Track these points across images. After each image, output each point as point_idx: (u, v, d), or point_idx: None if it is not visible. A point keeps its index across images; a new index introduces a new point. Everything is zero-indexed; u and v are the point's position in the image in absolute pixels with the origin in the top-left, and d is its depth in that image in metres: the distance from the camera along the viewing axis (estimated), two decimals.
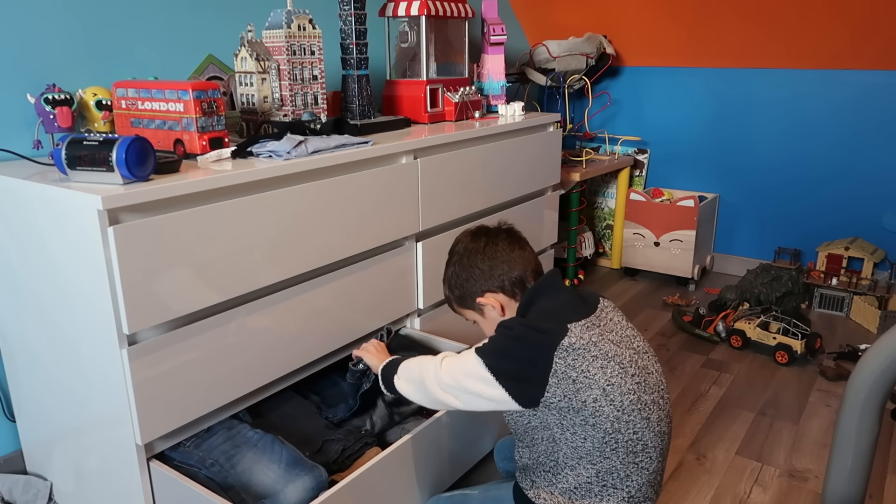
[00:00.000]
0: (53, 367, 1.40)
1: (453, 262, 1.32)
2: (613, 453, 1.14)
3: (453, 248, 1.35)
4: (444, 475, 1.56)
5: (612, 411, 1.12)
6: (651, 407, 1.16)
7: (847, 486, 1.15)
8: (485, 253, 1.28)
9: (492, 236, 1.31)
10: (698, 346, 2.47)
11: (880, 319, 2.52)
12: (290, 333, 1.50)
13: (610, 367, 1.12)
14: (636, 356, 1.18)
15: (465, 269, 1.29)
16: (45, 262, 1.30)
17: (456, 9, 2.10)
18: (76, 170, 1.20)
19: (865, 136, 2.76)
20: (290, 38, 1.66)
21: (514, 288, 1.27)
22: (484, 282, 1.28)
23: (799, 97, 2.86)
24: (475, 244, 1.30)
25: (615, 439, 1.13)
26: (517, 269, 1.27)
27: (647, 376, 1.18)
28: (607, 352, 1.13)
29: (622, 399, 1.12)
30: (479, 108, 2.21)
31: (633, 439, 1.14)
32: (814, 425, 1.95)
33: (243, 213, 1.34)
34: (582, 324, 1.15)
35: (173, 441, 1.34)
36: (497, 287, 1.27)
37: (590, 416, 1.11)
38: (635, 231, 3.09)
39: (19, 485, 1.59)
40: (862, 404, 1.10)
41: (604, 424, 1.12)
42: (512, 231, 1.34)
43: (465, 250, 1.31)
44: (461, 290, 1.31)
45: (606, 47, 3.04)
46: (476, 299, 1.29)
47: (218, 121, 1.43)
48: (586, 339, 1.12)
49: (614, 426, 1.12)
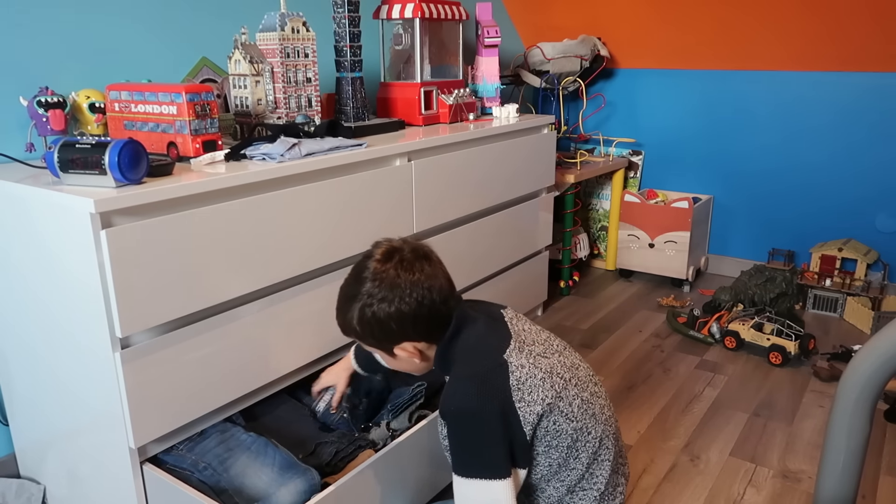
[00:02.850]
0: (47, 370, 1.40)
1: (363, 294, 1.09)
2: (577, 461, 1.14)
3: (360, 271, 1.11)
4: (435, 479, 1.56)
5: (568, 425, 1.11)
6: (592, 400, 1.16)
7: (839, 487, 1.16)
8: (409, 290, 1.07)
9: (412, 264, 1.10)
10: (692, 348, 2.48)
11: (874, 320, 2.53)
12: (284, 336, 1.50)
13: (551, 382, 1.10)
14: (562, 358, 1.16)
15: (380, 307, 1.08)
16: (38, 266, 1.30)
17: (450, 11, 2.10)
18: (69, 173, 1.20)
19: (859, 137, 2.77)
20: (283, 40, 1.66)
21: (438, 334, 1.13)
22: (405, 329, 1.10)
23: (793, 99, 2.87)
24: (395, 275, 1.08)
25: (576, 448, 1.13)
26: (444, 306, 1.11)
27: (576, 372, 1.16)
28: (543, 367, 1.10)
29: (571, 408, 1.11)
30: (474, 111, 2.21)
31: (590, 441, 1.14)
32: (807, 426, 1.96)
33: (237, 215, 1.33)
34: (511, 348, 1.10)
35: (166, 444, 1.34)
36: (419, 336, 1.13)
37: (552, 438, 1.11)
38: (630, 232, 3.10)
39: (12, 489, 1.58)
40: (853, 405, 1.11)
41: (565, 441, 1.12)
42: (429, 254, 1.14)
43: (382, 281, 1.08)
44: (372, 332, 1.11)
45: (601, 49, 3.05)
46: (392, 347, 1.14)
47: (211, 123, 1.43)
48: (526, 366, 1.09)
49: (573, 437, 1.12)
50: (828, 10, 2.56)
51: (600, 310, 2.84)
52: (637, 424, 1.97)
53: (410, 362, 1.17)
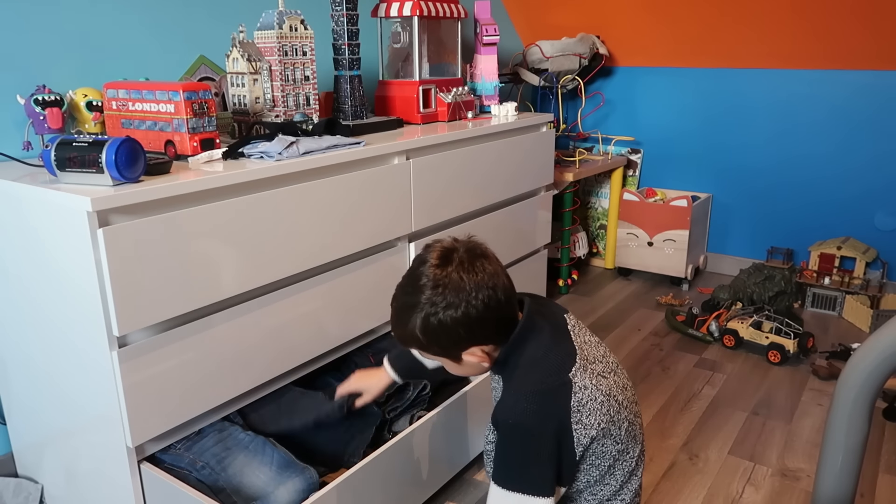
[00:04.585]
0: (44, 369, 1.40)
1: (425, 302, 1.02)
2: (612, 478, 1.12)
3: (417, 278, 1.04)
4: (434, 476, 1.56)
5: (614, 447, 1.09)
6: (635, 421, 1.14)
7: (837, 485, 1.16)
8: (475, 293, 1.01)
9: (472, 265, 1.03)
10: (691, 346, 2.48)
11: (872, 319, 2.53)
12: (282, 335, 1.50)
13: (608, 405, 1.06)
14: (617, 378, 1.12)
15: (446, 314, 1.01)
16: (36, 264, 1.29)
17: (448, 9, 2.10)
18: (66, 171, 1.19)
19: (858, 135, 2.77)
20: (281, 38, 1.66)
21: (504, 336, 1.08)
22: (474, 333, 1.04)
23: (792, 97, 2.87)
24: (458, 279, 1.01)
25: (615, 468, 1.11)
26: (509, 306, 1.06)
27: (626, 393, 1.13)
28: (603, 389, 1.07)
29: (620, 431, 1.09)
30: (472, 109, 2.21)
31: (627, 461, 1.13)
32: (806, 424, 1.96)
33: (235, 214, 1.33)
34: (577, 367, 1.05)
35: (164, 443, 1.34)
36: (489, 340, 1.07)
37: (596, 458, 1.08)
38: (629, 231, 3.10)
39: (10, 488, 1.58)
40: (852, 403, 1.11)
41: (607, 461, 1.10)
42: (486, 252, 1.08)
43: (445, 287, 1.01)
44: (439, 341, 1.05)
45: (599, 48, 3.05)
46: (461, 353, 1.08)
47: (209, 122, 1.43)
48: (588, 387, 1.05)
49: (615, 458, 1.10)
50: (828, 8, 2.56)
51: (599, 308, 2.84)
52: None
53: (478, 367, 1.12)
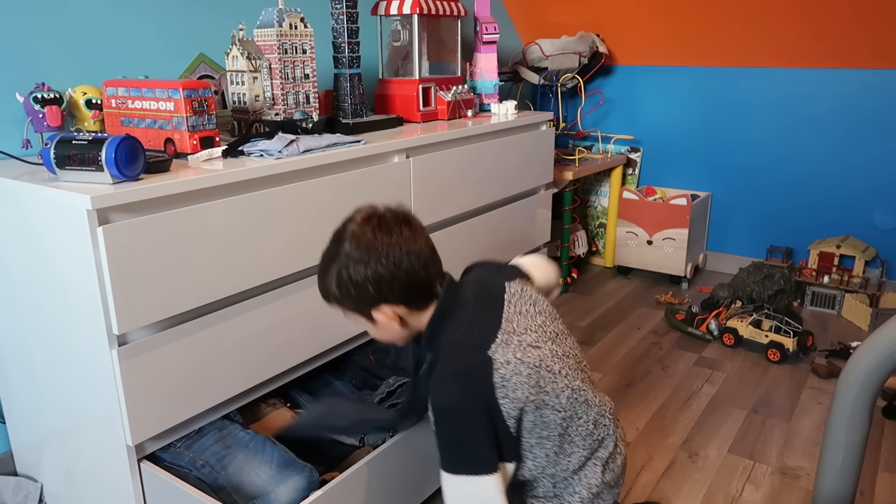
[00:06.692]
0: (44, 367, 1.39)
1: (342, 256, 1.07)
2: (574, 445, 1.13)
3: (341, 234, 1.09)
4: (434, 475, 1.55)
5: (556, 416, 1.10)
6: (584, 387, 1.14)
7: (838, 483, 1.16)
8: (385, 251, 1.05)
9: (390, 227, 1.07)
10: (691, 345, 2.48)
11: (871, 317, 2.53)
12: (282, 333, 1.49)
13: (538, 377, 1.07)
14: (554, 346, 1.12)
15: (356, 269, 1.05)
16: (35, 263, 1.29)
17: (448, 7, 2.10)
18: (65, 169, 1.19)
19: (857, 134, 2.77)
20: (281, 36, 1.65)
21: (418, 300, 1.10)
22: (382, 291, 1.07)
23: (791, 96, 2.87)
24: (373, 237, 1.06)
25: (569, 434, 1.12)
26: (423, 273, 1.08)
27: (567, 361, 1.13)
28: (531, 361, 1.07)
29: (559, 400, 1.09)
30: (472, 107, 2.21)
31: (582, 426, 1.13)
32: (806, 423, 1.96)
33: (234, 212, 1.33)
34: (498, 342, 1.06)
35: (164, 442, 1.34)
36: (396, 300, 1.09)
37: (541, 430, 1.10)
38: (628, 229, 3.10)
39: (9, 486, 1.58)
40: (852, 401, 1.11)
41: (555, 430, 1.10)
42: (410, 219, 1.11)
43: (358, 243, 1.06)
44: (350, 295, 1.08)
45: (599, 46, 3.04)
46: (370, 310, 1.10)
47: (209, 120, 1.43)
48: (512, 362, 1.05)
49: (563, 426, 1.11)
50: (828, 6, 2.55)
51: (598, 307, 2.84)
52: (636, 421, 1.97)
53: (391, 328, 1.12)
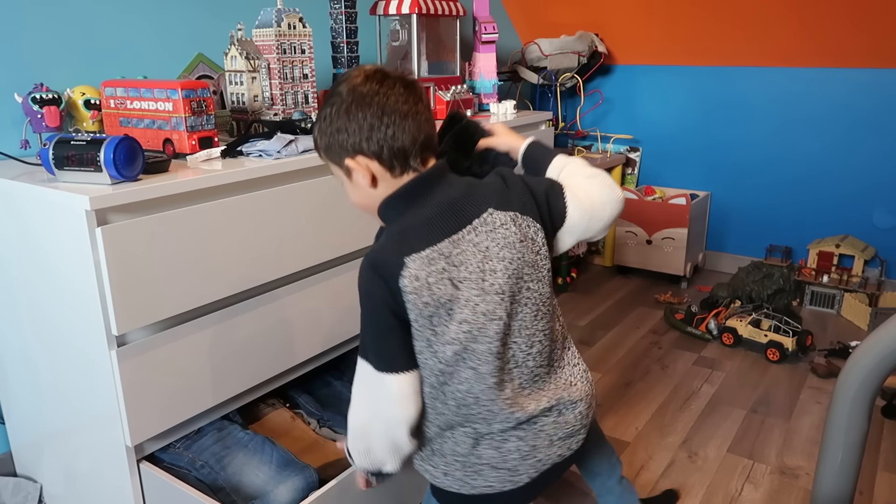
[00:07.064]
0: (43, 368, 1.39)
1: (331, 102, 1.05)
2: (445, 406, 1.06)
3: (338, 84, 1.06)
4: None
5: (434, 362, 1.03)
6: (486, 359, 1.03)
7: (837, 483, 1.16)
8: (371, 104, 1.01)
9: (387, 85, 1.03)
10: (690, 344, 2.48)
11: (871, 316, 2.53)
12: (282, 333, 1.49)
13: (433, 309, 1.00)
14: (483, 299, 1.02)
15: (340, 116, 1.03)
16: (34, 263, 1.29)
17: (447, 7, 2.10)
18: (64, 170, 1.19)
19: (856, 133, 2.77)
20: (280, 36, 1.65)
21: (393, 160, 1.03)
22: (358, 140, 1.03)
23: (790, 95, 2.87)
24: (364, 87, 1.02)
25: (442, 391, 1.05)
26: (404, 137, 1.03)
27: (483, 317, 1.02)
28: (440, 295, 1.00)
29: (443, 349, 1.02)
30: (471, 107, 2.21)
31: (456, 385, 1.04)
32: (805, 422, 1.96)
33: (233, 212, 1.33)
34: (424, 256, 0.99)
35: (163, 442, 1.33)
36: (372, 153, 1.03)
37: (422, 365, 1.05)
38: (627, 229, 3.10)
39: (9, 487, 1.58)
40: (852, 401, 1.11)
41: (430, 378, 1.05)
42: (412, 84, 1.07)
43: (348, 92, 1.02)
44: (329, 140, 1.05)
45: (598, 45, 3.04)
46: (345, 158, 1.05)
47: (207, 120, 1.42)
48: (421, 279, 0.98)
49: (438, 377, 1.04)
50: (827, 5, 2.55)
51: (598, 306, 2.84)
52: (635, 421, 1.97)
53: (363, 188, 1.06)
